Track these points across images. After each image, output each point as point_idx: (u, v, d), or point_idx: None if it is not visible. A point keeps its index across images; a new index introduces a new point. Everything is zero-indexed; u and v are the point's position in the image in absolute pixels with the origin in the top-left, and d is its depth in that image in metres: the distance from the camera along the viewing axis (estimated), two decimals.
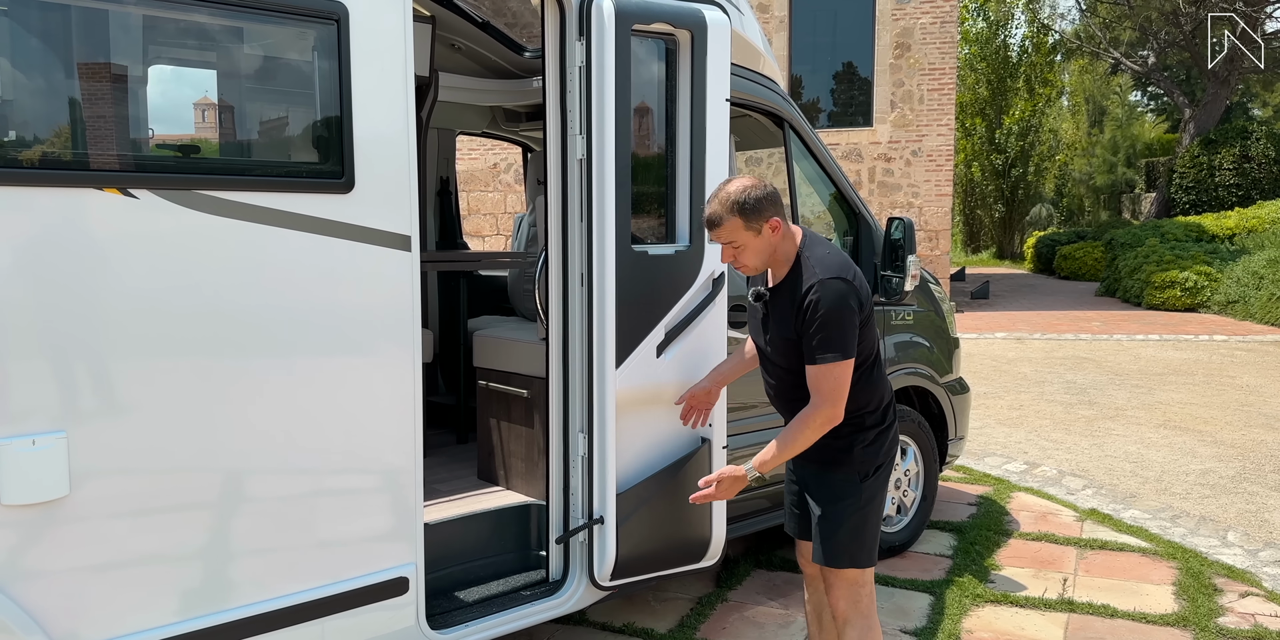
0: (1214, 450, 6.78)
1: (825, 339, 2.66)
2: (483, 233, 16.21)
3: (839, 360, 2.67)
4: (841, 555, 2.85)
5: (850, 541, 2.85)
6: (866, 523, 2.87)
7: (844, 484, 2.84)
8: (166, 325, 2.37)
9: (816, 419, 2.71)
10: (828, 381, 2.68)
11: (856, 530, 2.85)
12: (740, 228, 2.70)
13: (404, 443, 2.82)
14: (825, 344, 2.66)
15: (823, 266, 2.71)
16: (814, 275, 2.69)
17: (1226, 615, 4.03)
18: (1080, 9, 29.30)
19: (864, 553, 2.87)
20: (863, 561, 2.87)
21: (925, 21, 14.68)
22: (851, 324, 2.68)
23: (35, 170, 2.20)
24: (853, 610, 2.90)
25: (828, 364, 2.67)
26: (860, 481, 2.84)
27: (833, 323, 2.65)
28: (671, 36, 3.32)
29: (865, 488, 2.84)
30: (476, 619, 3.10)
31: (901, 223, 4.44)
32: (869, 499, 2.86)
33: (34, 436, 2.20)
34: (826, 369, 2.67)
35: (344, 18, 2.58)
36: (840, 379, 2.68)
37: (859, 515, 2.85)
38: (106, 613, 2.35)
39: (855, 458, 2.83)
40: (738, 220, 2.70)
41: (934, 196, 14.95)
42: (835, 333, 2.66)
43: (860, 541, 2.86)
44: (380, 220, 2.70)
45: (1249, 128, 22.20)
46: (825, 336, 2.66)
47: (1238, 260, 15.24)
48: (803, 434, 2.72)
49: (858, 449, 2.83)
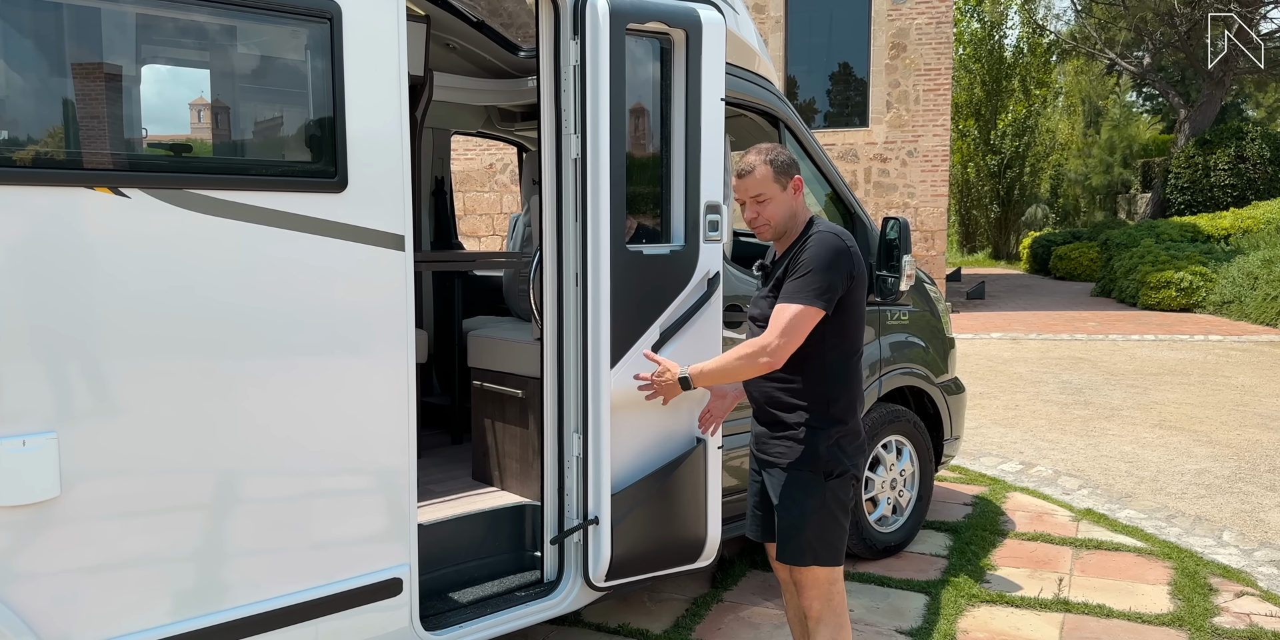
0: (1209, 450, 6.79)
1: (801, 280, 2.71)
2: (478, 233, 16.19)
3: (806, 305, 2.69)
4: (805, 553, 2.82)
5: (815, 539, 2.81)
6: (832, 521, 2.84)
7: (808, 482, 2.82)
8: (158, 325, 2.36)
9: (755, 348, 2.72)
10: (784, 318, 2.70)
11: (821, 528, 2.82)
12: (770, 179, 2.82)
13: (398, 443, 2.81)
14: (799, 285, 2.70)
15: (824, 225, 2.84)
16: (819, 230, 2.81)
17: (1222, 615, 4.03)
18: (1075, 9, 29.35)
19: (829, 551, 2.84)
20: (828, 560, 2.84)
21: (920, 22, 14.69)
22: (833, 275, 2.70)
23: (26, 169, 2.18)
24: (826, 609, 2.88)
25: (792, 303, 2.70)
26: (825, 480, 2.81)
27: (816, 268, 2.70)
28: (666, 36, 3.31)
29: (829, 487, 2.82)
30: (471, 620, 3.09)
31: (897, 223, 4.43)
32: (834, 499, 2.83)
33: (24, 437, 2.19)
34: (788, 307, 2.70)
35: (337, 17, 2.57)
36: (798, 321, 2.69)
37: (824, 513, 2.82)
38: (98, 614, 2.34)
39: (820, 455, 2.80)
40: (769, 170, 2.82)
41: (929, 197, 14.96)
42: (814, 278, 2.69)
43: (825, 540, 2.83)
44: (374, 220, 2.69)
45: (1244, 128, 22.25)
46: (802, 278, 2.71)
47: (1233, 260, 15.27)
48: (738, 357, 2.77)
49: (823, 446, 2.80)
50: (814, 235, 2.78)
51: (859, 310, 2.84)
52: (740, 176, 2.85)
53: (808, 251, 2.75)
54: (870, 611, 4.06)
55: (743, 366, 2.77)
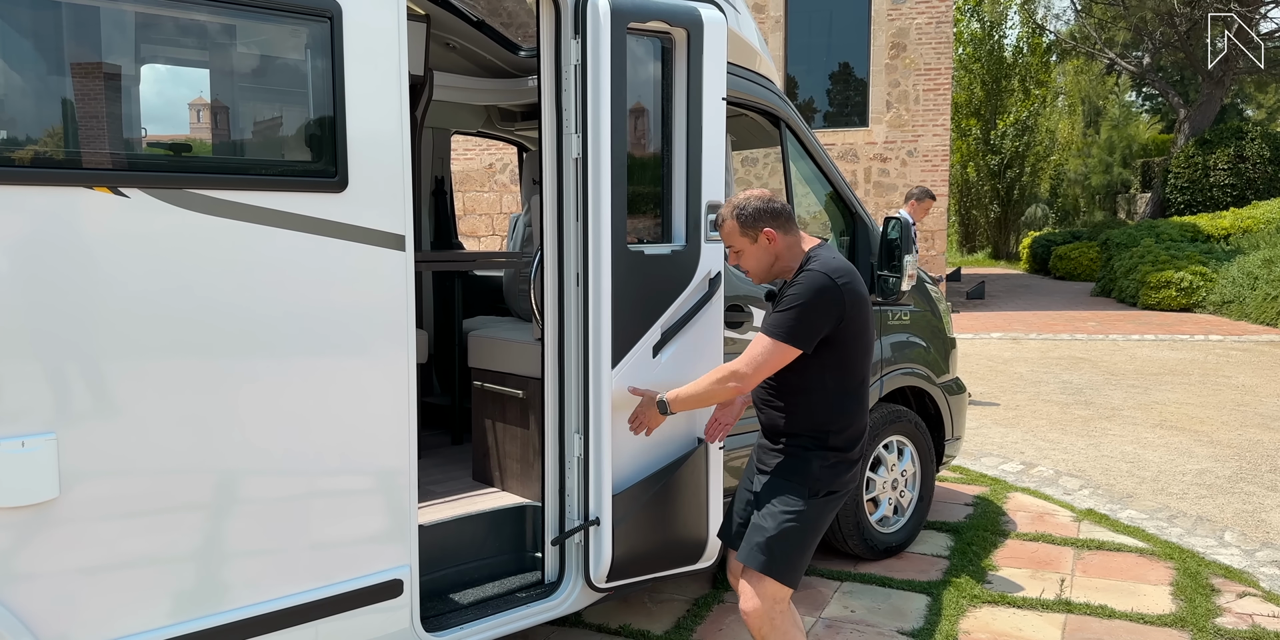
0: (1210, 450, 6.78)
1: (780, 315, 2.73)
2: (478, 233, 16.19)
3: (777, 340, 2.71)
4: (768, 559, 2.77)
5: (778, 548, 2.76)
6: (799, 540, 2.79)
7: (791, 495, 2.80)
8: (158, 326, 2.35)
9: (725, 373, 2.79)
10: (757, 350, 2.74)
11: (785, 540, 2.77)
12: (736, 232, 2.86)
13: (398, 444, 2.80)
14: (777, 320, 2.73)
15: (818, 263, 2.79)
16: (805, 270, 2.80)
17: (1224, 615, 4.02)
18: (1075, 9, 29.35)
19: (789, 568, 2.78)
20: (781, 573, 2.77)
21: (920, 22, 14.69)
22: (814, 316, 2.70)
23: (25, 169, 2.17)
24: (768, 626, 2.80)
25: (765, 336, 2.73)
26: (807, 497, 2.79)
27: (796, 307, 2.71)
28: (667, 35, 3.30)
29: (810, 505, 2.79)
30: (471, 621, 3.08)
31: (898, 222, 4.42)
32: (810, 517, 2.80)
33: (23, 438, 2.18)
34: (761, 339, 2.74)
35: (337, 16, 2.56)
36: (767, 355, 2.72)
37: (795, 528, 2.77)
38: (97, 616, 2.33)
39: (812, 473, 2.80)
40: (734, 225, 2.86)
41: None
42: (791, 316, 2.71)
43: (789, 555, 2.77)
44: (374, 219, 2.68)
45: (1244, 128, 22.24)
46: (782, 313, 2.73)
47: (1233, 260, 15.26)
48: (710, 382, 2.83)
49: (816, 464, 2.80)
50: (804, 273, 2.77)
51: (859, 342, 2.82)
52: (714, 227, 2.92)
53: (794, 288, 2.75)
54: (871, 612, 4.05)
55: (714, 390, 2.83)
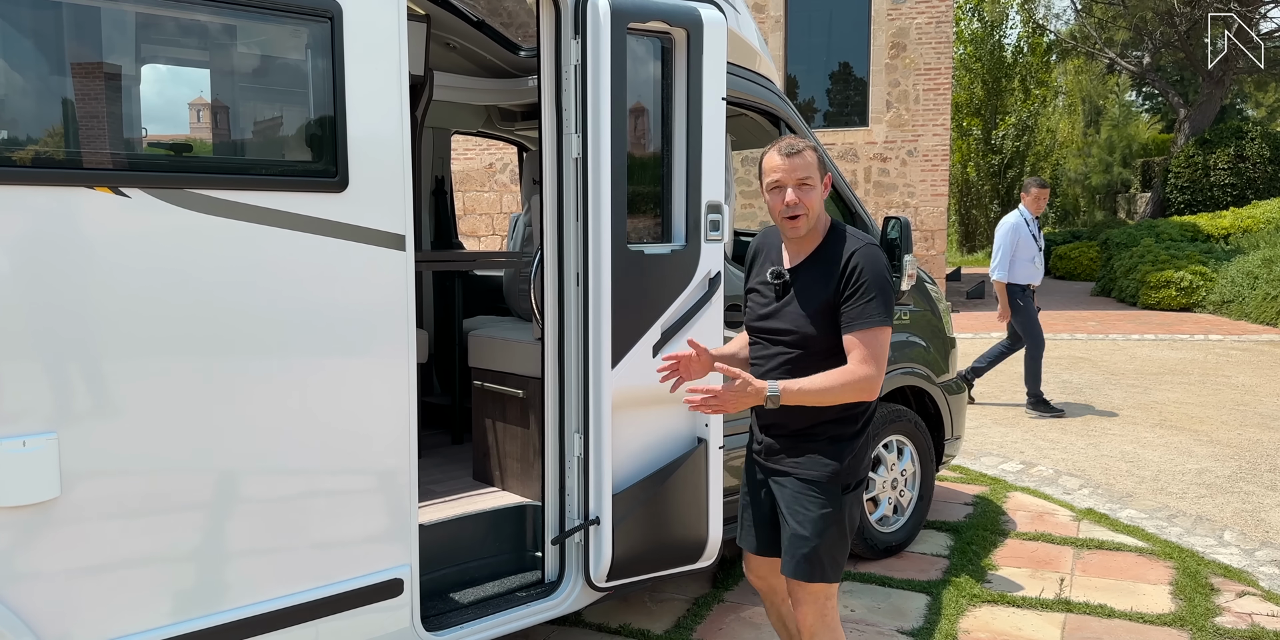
0: (1210, 450, 6.79)
1: (871, 302, 2.63)
2: (478, 233, 16.19)
3: (885, 324, 2.63)
4: (815, 569, 2.74)
5: (825, 554, 2.74)
6: (843, 537, 2.78)
7: (824, 496, 2.74)
8: (158, 325, 2.35)
9: (858, 378, 2.61)
10: (874, 345, 2.62)
11: (832, 544, 2.75)
12: (815, 164, 2.72)
13: (398, 443, 2.81)
14: (872, 307, 2.63)
15: (863, 236, 2.75)
16: (859, 241, 2.72)
17: (1223, 615, 4.02)
18: (1075, 9, 29.35)
19: (835, 568, 2.78)
20: (833, 576, 2.77)
21: (920, 21, 14.69)
22: (890, 291, 2.67)
23: (26, 169, 2.18)
24: (820, 624, 2.80)
25: (874, 328, 2.62)
26: (841, 494, 2.76)
27: (879, 287, 2.64)
28: (667, 35, 3.30)
29: (846, 500, 2.77)
30: (472, 620, 3.09)
31: (898, 222, 4.43)
32: (848, 514, 2.79)
33: (24, 438, 2.19)
34: (873, 333, 2.62)
35: (338, 16, 2.57)
36: (885, 345, 2.64)
37: (838, 528, 2.75)
38: (99, 615, 2.33)
39: (843, 467, 2.74)
40: (816, 156, 2.73)
41: (929, 196, 14.95)
42: (881, 297, 2.64)
43: (833, 556, 2.76)
44: (374, 219, 2.68)
45: (1244, 128, 22.23)
46: (871, 299, 2.63)
47: (1233, 260, 15.25)
48: (841, 388, 2.62)
49: (847, 458, 2.75)
50: (860, 249, 2.69)
51: None
52: (788, 155, 2.69)
53: (866, 270, 2.65)
54: (871, 611, 4.05)
55: (845, 394, 2.63)
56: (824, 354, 2.71)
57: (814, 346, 2.72)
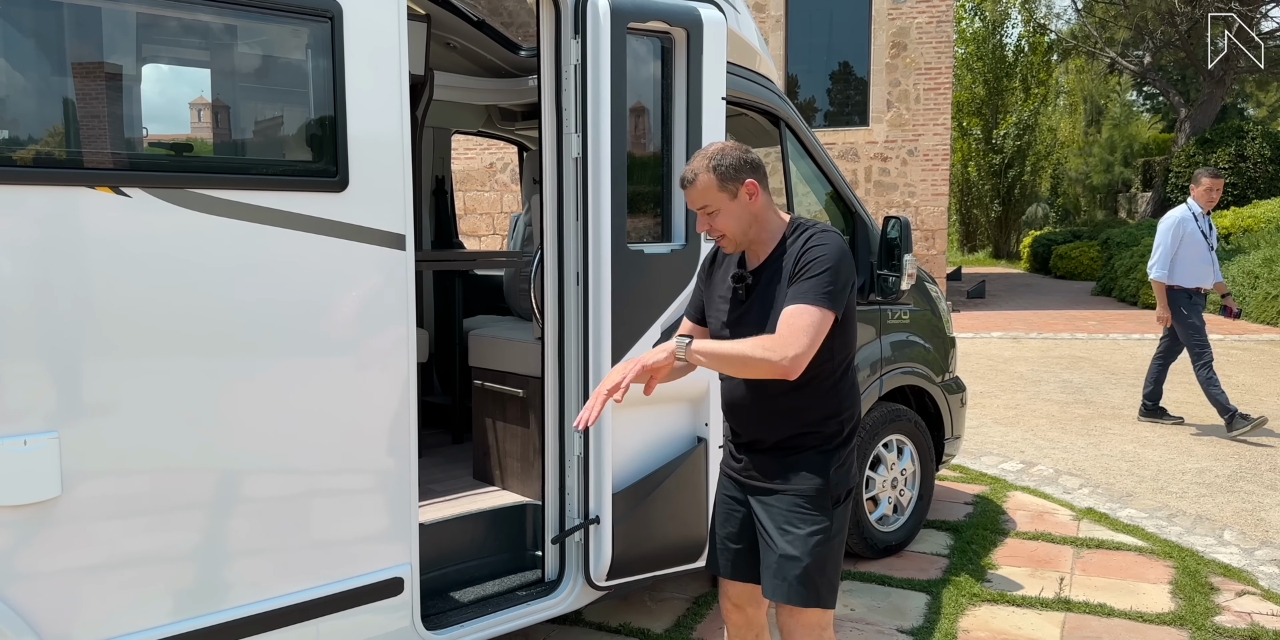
0: (1210, 449, 6.79)
1: (817, 282, 2.39)
2: (478, 232, 16.19)
3: (825, 307, 2.38)
4: (810, 592, 2.53)
5: (818, 577, 2.53)
6: (836, 556, 2.57)
7: (812, 512, 2.54)
8: (159, 325, 2.35)
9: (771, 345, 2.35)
10: (804, 321, 2.36)
11: (823, 564, 2.53)
12: (713, 188, 2.49)
13: (399, 443, 2.81)
14: (814, 287, 2.39)
15: (819, 227, 2.53)
16: (815, 229, 2.51)
17: (1223, 614, 4.03)
18: (1076, 8, 29.34)
19: (829, 591, 2.56)
20: (828, 601, 2.56)
21: (921, 21, 14.69)
22: (846, 281, 2.43)
23: (27, 169, 2.18)
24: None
25: (808, 304, 2.38)
26: (830, 508, 2.55)
27: (830, 269, 2.40)
28: (667, 35, 3.31)
29: (835, 515, 2.56)
30: (472, 619, 3.09)
31: (898, 222, 4.43)
32: (838, 529, 2.57)
33: (25, 437, 2.19)
34: (806, 310, 2.37)
35: (338, 16, 2.57)
36: (818, 327, 2.36)
37: (828, 546, 2.54)
38: (99, 614, 2.34)
39: (830, 479, 2.54)
40: (711, 179, 2.48)
41: (930, 196, 14.95)
42: (829, 280, 2.40)
43: (826, 577, 2.55)
44: (374, 219, 2.69)
45: (1244, 127, 22.22)
46: (817, 280, 2.39)
47: (1233, 259, 15.25)
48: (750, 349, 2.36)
49: (832, 467, 2.54)
50: (817, 233, 2.49)
51: (852, 322, 2.57)
52: (684, 187, 2.53)
53: (816, 248, 2.44)
54: (871, 611, 4.06)
55: (756, 362, 2.36)
56: None
57: None
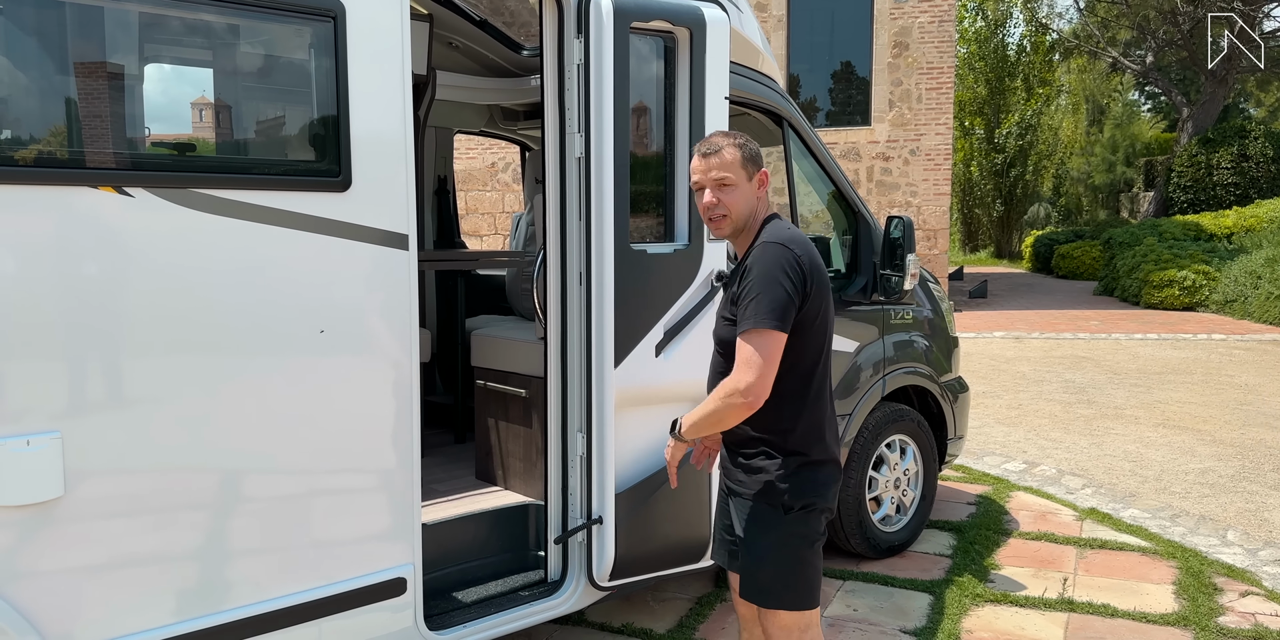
0: (1213, 449, 6.78)
1: (752, 303, 2.40)
2: (480, 232, 16.19)
3: (765, 328, 2.38)
4: (767, 594, 2.53)
5: (773, 580, 2.52)
6: (795, 560, 2.52)
7: (765, 515, 2.51)
8: (161, 325, 2.35)
9: (728, 388, 2.40)
10: (746, 349, 2.39)
11: (782, 568, 2.51)
12: (736, 163, 2.51)
13: (402, 443, 2.81)
14: (750, 309, 2.40)
15: (770, 234, 2.50)
16: (766, 237, 2.49)
17: (1227, 614, 4.02)
18: (1078, 8, 29.32)
19: (792, 595, 2.52)
20: (793, 603, 2.52)
21: (923, 21, 14.68)
22: (782, 291, 2.40)
23: (29, 168, 2.18)
24: None
25: (750, 330, 2.39)
26: (783, 514, 2.50)
27: (762, 287, 2.40)
28: (670, 34, 3.30)
29: (788, 521, 2.50)
30: (475, 619, 3.09)
31: (900, 221, 4.43)
32: (796, 535, 2.51)
33: (28, 437, 2.19)
34: (749, 336, 2.39)
35: (341, 15, 2.57)
36: (765, 349, 2.38)
37: (784, 552, 2.51)
38: (102, 614, 2.34)
39: (776, 488, 2.49)
40: (738, 154, 2.51)
41: (932, 196, 14.94)
42: (764, 298, 2.39)
43: (787, 581, 2.51)
44: (377, 219, 2.69)
45: (1247, 127, 22.21)
46: (753, 300, 2.40)
47: (1235, 259, 15.24)
48: (714, 403, 2.44)
49: (776, 475, 2.49)
50: (759, 245, 2.47)
51: (819, 324, 2.51)
52: (705, 156, 2.52)
53: (753, 268, 2.44)
54: (874, 611, 4.05)
55: (723, 411, 2.43)
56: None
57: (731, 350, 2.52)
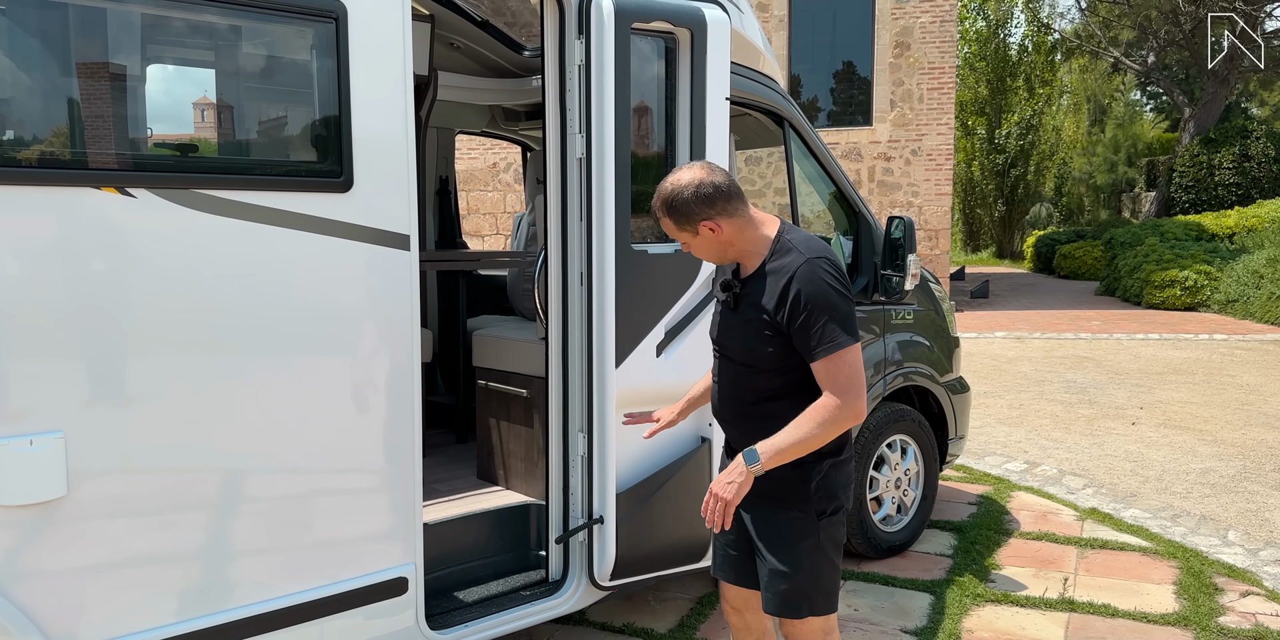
0: (1214, 449, 6.78)
1: (826, 325, 2.35)
2: (482, 232, 16.20)
3: (849, 345, 2.36)
4: (802, 604, 2.52)
5: (810, 587, 2.51)
6: (828, 564, 2.53)
7: (799, 523, 2.50)
8: (164, 325, 2.36)
9: (834, 409, 2.34)
10: (843, 370, 2.35)
11: (816, 574, 2.51)
12: (673, 228, 2.48)
13: (403, 442, 2.81)
14: (827, 332, 2.35)
15: (806, 247, 2.45)
16: (799, 256, 2.42)
17: (1227, 614, 4.02)
18: (1079, 8, 29.30)
19: (824, 598, 2.54)
20: (824, 608, 2.54)
21: (925, 20, 14.67)
22: (845, 304, 2.40)
23: (33, 169, 2.19)
24: None
25: (838, 351, 2.35)
26: (817, 519, 2.50)
27: (829, 305, 2.37)
28: (671, 35, 3.31)
29: (823, 526, 2.51)
30: (476, 619, 3.10)
31: (902, 222, 4.43)
32: (829, 538, 2.52)
33: (31, 437, 2.20)
34: (838, 357, 2.35)
35: (343, 16, 2.57)
36: (856, 366, 2.36)
37: (818, 557, 2.51)
38: (104, 613, 2.34)
39: (810, 493, 2.48)
40: (668, 221, 2.47)
41: (933, 196, 14.94)
42: (836, 315, 2.36)
43: (820, 586, 2.52)
44: (379, 219, 2.69)
45: (1248, 127, 22.20)
46: (826, 322, 2.36)
47: (1237, 259, 15.23)
48: (822, 427, 2.35)
49: (815, 482, 2.48)
50: (800, 270, 2.39)
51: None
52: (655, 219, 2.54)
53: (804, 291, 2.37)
54: (875, 611, 4.06)
55: (830, 430, 2.37)
56: (773, 372, 2.49)
57: (761, 365, 2.50)
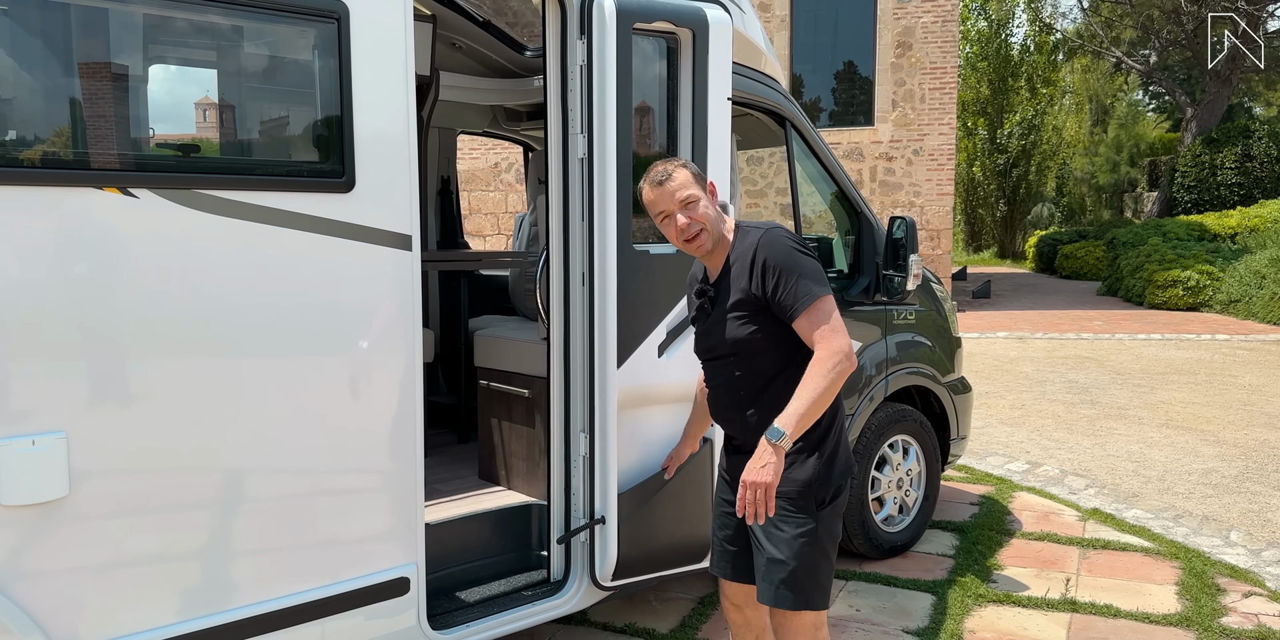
0: (1216, 450, 6.77)
1: (799, 282, 2.48)
2: (484, 232, 16.21)
3: (823, 295, 2.48)
4: (798, 597, 2.53)
5: (806, 580, 2.53)
6: (825, 558, 2.56)
7: (796, 514, 2.53)
8: (167, 325, 2.36)
9: (832, 359, 2.42)
10: (823, 318, 2.47)
11: (813, 567, 2.53)
12: (691, 181, 2.61)
13: (405, 442, 2.81)
14: (799, 288, 2.48)
15: (760, 225, 2.62)
16: (757, 231, 2.59)
17: (1229, 615, 4.02)
18: (1081, 8, 29.28)
19: (820, 593, 2.56)
20: (819, 603, 2.56)
21: (926, 20, 14.67)
22: (812, 262, 2.52)
23: (35, 170, 2.19)
24: None
25: (813, 302, 2.47)
26: (817, 509, 2.54)
27: (795, 264, 2.50)
28: (673, 35, 3.31)
29: (822, 517, 2.55)
30: (478, 619, 3.10)
31: (903, 222, 4.43)
32: (826, 531, 2.56)
33: (33, 437, 2.20)
34: (815, 308, 2.47)
35: (345, 16, 2.58)
36: (834, 313, 2.48)
37: (816, 549, 2.53)
38: (106, 613, 2.35)
39: (809, 482, 2.53)
40: (688, 173, 2.62)
41: (935, 196, 14.94)
42: (805, 272, 2.49)
43: (816, 580, 2.54)
44: (381, 219, 2.69)
45: (1251, 127, 22.18)
46: (797, 279, 2.49)
47: (1240, 259, 15.22)
48: (822, 380, 2.41)
49: (812, 465, 2.53)
50: (761, 239, 2.56)
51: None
52: (659, 184, 2.60)
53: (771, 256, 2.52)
54: (877, 611, 4.06)
55: (836, 381, 2.43)
56: (763, 352, 2.58)
57: (752, 347, 2.58)
